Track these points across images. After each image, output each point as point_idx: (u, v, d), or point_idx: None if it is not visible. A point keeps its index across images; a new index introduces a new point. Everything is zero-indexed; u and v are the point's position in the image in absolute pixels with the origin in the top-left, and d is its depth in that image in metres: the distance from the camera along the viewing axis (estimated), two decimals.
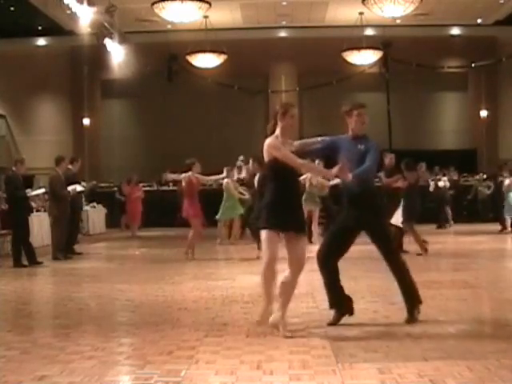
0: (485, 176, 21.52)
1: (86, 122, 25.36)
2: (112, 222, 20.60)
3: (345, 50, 22.29)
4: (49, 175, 13.09)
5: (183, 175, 11.75)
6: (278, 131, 5.78)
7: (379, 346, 5.05)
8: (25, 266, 11.10)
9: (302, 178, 12.82)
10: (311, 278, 8.95)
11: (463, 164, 23.10)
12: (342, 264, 5.99)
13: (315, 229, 13.87)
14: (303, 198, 12.88)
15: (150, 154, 24.86)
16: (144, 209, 18.68)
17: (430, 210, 17.33)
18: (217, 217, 14.47)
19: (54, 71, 25.10)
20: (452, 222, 19.25)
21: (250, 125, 24.98)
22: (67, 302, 7.65)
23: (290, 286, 5.55)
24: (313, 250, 6.32)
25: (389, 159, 12.25)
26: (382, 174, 12.11)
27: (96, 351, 5.06)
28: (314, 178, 13.32)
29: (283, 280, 5.54)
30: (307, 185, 13.63)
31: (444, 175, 20.17)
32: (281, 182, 5.56)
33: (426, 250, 11.36)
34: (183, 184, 11.87)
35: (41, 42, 25.29)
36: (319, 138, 6.30)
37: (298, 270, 5.52)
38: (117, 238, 17.81)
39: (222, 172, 13.74)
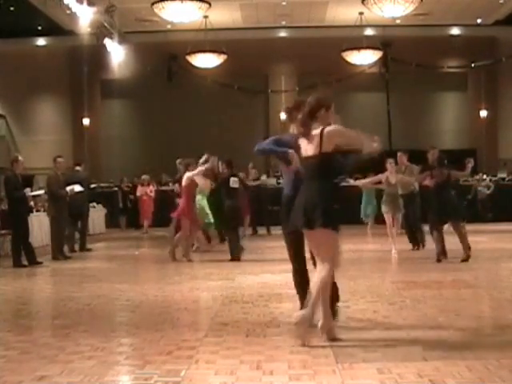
0: (484, 176, 21.54)
1: (86, 122, 25.36)
2: (112, 222, 20.61)
3: (345, 50, 22.31)
4: (47, 175, 13.11)
5: (190, 174, 11.59)
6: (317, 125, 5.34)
7: (379, 345, 5.04)
8: (25, 266, 11.10)
9: (374, 178, 12.44)
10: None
11: (463, 164, 23.06)
12: (342, 265, 5.96)
13: (394, 238, 12.04)
14: (382, 199, 12.47)
15: (149, 154, 24.86)
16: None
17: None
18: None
19: (54, 71, 25.11)
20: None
21: (250, 125, 24.99)
22: (67, 302, 7.64)
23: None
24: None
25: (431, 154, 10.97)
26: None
27: (96, 351, 5.05)
28: (392, 176, 12.01)
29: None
30: (385, 184, 12.26)
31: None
32: (332, 179, 5.35)
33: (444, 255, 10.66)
34: (184, 184, 11.73)
35: (41, 41, 25.30)
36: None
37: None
38: (117, 238, 17.82)
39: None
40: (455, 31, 24.91)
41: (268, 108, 25.61)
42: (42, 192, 13.80)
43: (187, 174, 11.61)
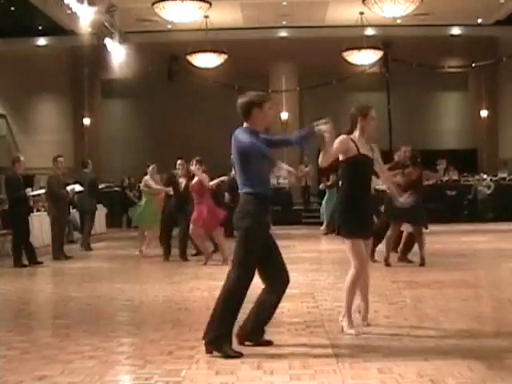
0: (485, 176, 21.53)
1: (87, 121, 25.36)
2: (112, 221, 20.60)
3: (345, 50, 22.29)
4: (47, 175, 13.12)
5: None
6: (357, 132, 5.70)
7: (379, 345, 5.04)
8: (25, 266, 11.10)
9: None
10: (311, 279, 8.97)
11: (463, 164, 23.10)
12: (342, 265, 5.97)
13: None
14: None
15: (150, 154, 24.81)
16: None
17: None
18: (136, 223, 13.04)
19: (54, 71, 25.10)
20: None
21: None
22: (68, 301, 7.64)
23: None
24: None
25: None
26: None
27: (96, 351, 5.05)
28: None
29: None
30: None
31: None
32: (357, 182, 5.56)
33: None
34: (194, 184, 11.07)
35: (41, 41, 25.27)
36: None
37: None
38: (117, 238, 17.82)
39: (223, 174, 13.65)
40: (456, 31, 24.89)
41: None
42: (42, 191, 13.81)
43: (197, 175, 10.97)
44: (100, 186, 22.06)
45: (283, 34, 24.96)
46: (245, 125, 5.32)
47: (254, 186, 5.05)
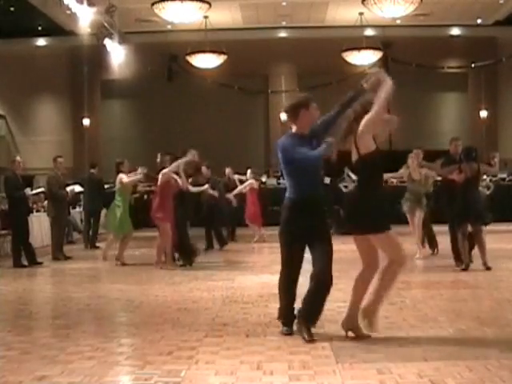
0: (484, 176, 21.50)
1: (86, 122, 25.35)
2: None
3: (345, 50, 22.29)
4: (47, 175, 13.13)
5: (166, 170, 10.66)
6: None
7: (379, 346, 5.05)
8: (25, 266, 11.10)
9: (396, 174, 11.55)
10: None
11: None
12: (342, 265, 5.97)
13: (419, 240, 11.26)
14: (405, 197, 11.23)
15: (149, 154, 24.79)
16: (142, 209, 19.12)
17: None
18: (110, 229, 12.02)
19: (54, 71, 25.10)
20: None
21: (250, 125, 24.98)
22: (67, 302, 7.64)
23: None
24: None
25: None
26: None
27: (96, 351, 5.06)
28: (416, 170, 11.08)
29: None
30: (407, 180, 11.34)
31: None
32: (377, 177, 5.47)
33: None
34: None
35: (41, 42, 25.29)
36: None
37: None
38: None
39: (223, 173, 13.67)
40: (455, 31, 24.91)
41: (268, 108, 25.59)
42: (42, 189, 13.82)
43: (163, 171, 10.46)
44: None
45: (283, 34, 24.96)
46: (293, 129, 5.55)
47: (291, 192, 5.48)
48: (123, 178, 11.45)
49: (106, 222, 12.81)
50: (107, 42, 18.15)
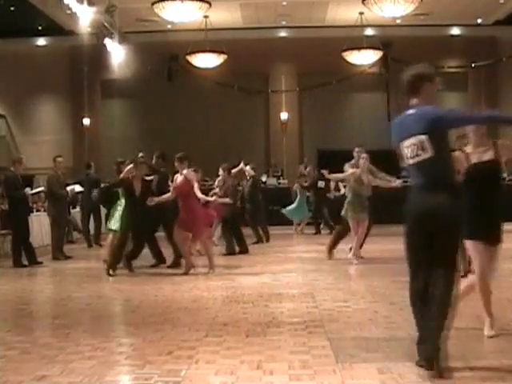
0: None
1: (86, 121, 25.33)
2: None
3: (345, 50, 22.28)
4: (47, 175, 13.13)
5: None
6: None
7: (379, 345, 5.05)
8: (25, 266, 11.10)
9: (344, 174, 10.82)
10: (311, 279, 8.97)
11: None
12: (342, 265, 5.96)
13: (357, 247, 10.58)
14: (349, 201, 10.54)
15: (150, 154, 24.79)
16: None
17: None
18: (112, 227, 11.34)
19: (54, 71, 25.08)
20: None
21: (249, 124, 24.96)
22: (67, 301, 7.64)
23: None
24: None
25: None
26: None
27: (96, 351, 5.06)
28: (365, 172, 10.56)
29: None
30: (351, 183, 10.68)
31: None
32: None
33: None
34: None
35: (41, 41, 25.27)
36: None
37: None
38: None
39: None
40: (455, 31, 24.89)
41: (268, 108, 25.58)
42: (42, 189, 13.84)
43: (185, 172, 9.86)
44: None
45: (283, 34, 24.95)
46: (414, 101, 4.82)
47: (449, 178, 4.54)
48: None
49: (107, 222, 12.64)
50: (107, 41, 18.15)
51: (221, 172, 12.94)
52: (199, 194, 9.76)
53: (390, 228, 12.58)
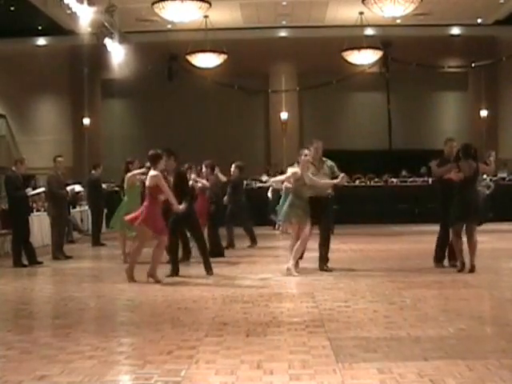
0: (484, 176, 21.51)
1: (86, 121, 25.35)
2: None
3: (345, 50, 22.30)
4: (47, 175, 13.12)
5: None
6: None
7: (379, 345, 5.05)
8: (25, 266, 11.09)
9: (285, 176, 9.73)
10: (311, 279, 8.96)
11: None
12: (342, 265, 5.97)
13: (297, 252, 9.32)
14: (291, 203, 9.34)
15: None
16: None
17: None
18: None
19: (54, 71, 25.09)
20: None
21: (249, 124, 24.99)
22: (67, 301, 7.64)
23: None
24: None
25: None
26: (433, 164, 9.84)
27: (96, 351, 5.06)
28: (305, 172, 9.36)
29: None
30: (290, 184, 9.51)
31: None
32: None
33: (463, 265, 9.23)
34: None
35: (41, 41, 25.28)
36: None
37: None
38: (117, 238, 17.76)
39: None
40: (455, 31, 24.91)
41: (268, 108, 25.60)
42: (42, 189, 13.83)
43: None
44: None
45: (283, 33, 24.96)
46: None
47: None
48: (128, 174, 11.24)
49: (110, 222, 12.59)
50: (107, 41, 18.15)
51: (204, 169, 12.55)
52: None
53: (391, 228, 12.57)
